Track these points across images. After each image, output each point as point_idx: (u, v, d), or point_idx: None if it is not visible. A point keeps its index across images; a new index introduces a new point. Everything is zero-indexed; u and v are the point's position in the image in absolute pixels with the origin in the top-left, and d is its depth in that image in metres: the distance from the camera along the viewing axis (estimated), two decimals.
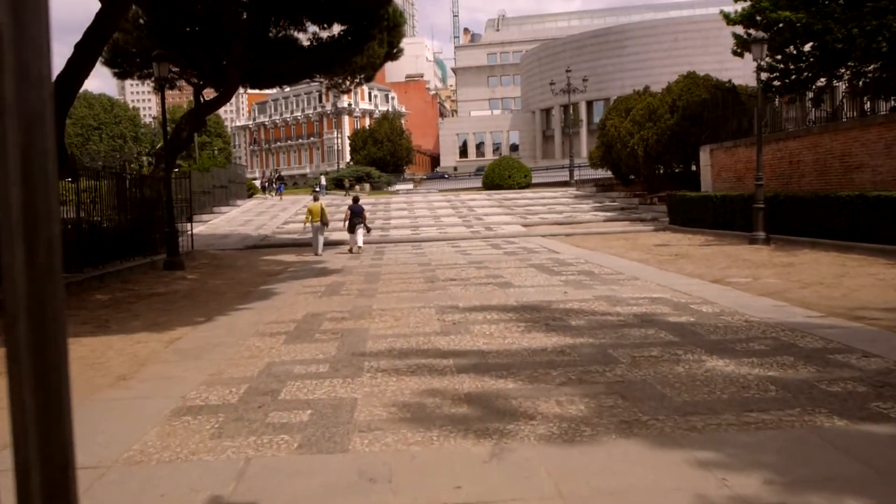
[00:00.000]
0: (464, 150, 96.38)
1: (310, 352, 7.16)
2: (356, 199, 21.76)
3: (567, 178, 45.24)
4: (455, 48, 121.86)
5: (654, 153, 30.46)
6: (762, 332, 7.29)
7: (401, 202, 38.95)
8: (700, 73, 31.90)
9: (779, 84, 25.50)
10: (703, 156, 26.85)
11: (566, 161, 50.85)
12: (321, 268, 16.41)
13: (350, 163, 74.03)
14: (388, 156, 70.53)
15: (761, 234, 17.92)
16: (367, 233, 21.32)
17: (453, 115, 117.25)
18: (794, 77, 25.24)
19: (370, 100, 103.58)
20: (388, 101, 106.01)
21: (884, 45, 20.27)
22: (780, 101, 25.75)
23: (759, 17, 23.59)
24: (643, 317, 8.39)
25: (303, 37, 21.86)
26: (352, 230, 20.62)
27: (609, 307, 9.15)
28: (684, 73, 32.42)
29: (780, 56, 24.81)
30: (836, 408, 4.76)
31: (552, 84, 53.75)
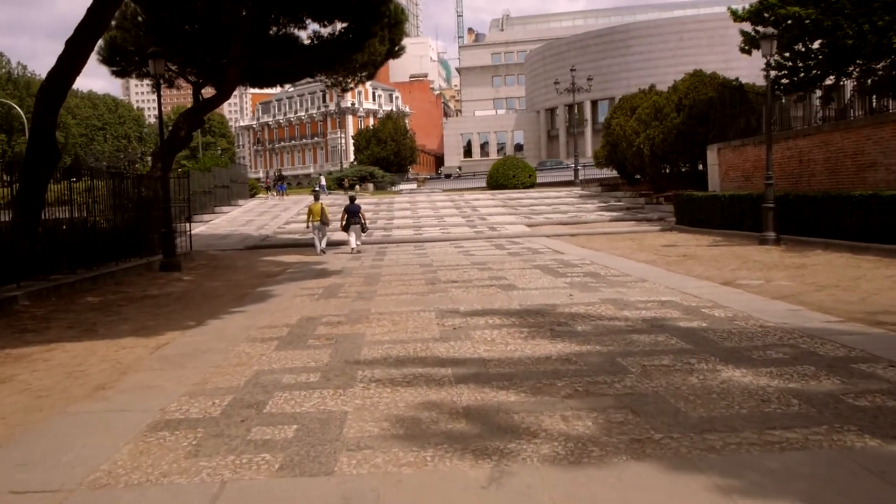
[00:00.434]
0: (468, 150, 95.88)
1: (301, 359, 6.79)
2: (352, 199, 21.46)
3: (572, 178, 44.80)
4: (459, 48, 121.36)
5: (661, 152, 30.03)
6: (779, 339, 6.89)
7: (404, 202, 38.59)
8: (706, 72, 31.47)
9: (787, 82, 25.06)
10: (711, 155, 26.41)
11: (571, 161, 50.41)
12: (321, 269, 16.05)
13: (354, 163, 73.71)
14: (392, 155, 70.21)
15: (771, 234, 17.50)
16: (364, 232, 20.99)
17: (457, 115, 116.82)
18: (802, 75, 24.80)
19: (374, 99, 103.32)
20: (392, 101, 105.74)
21: (895, 40, 19.84)
22: (788, 99, 25.31)
23: (767, 14, 23.14)
24: (652, 322, 7.99)
25: (303, 34, 21.54)
26: (346, 230, 20.27)
27: (616, 311, 8.75)
28: (690, 72, 31.99)
29: (788, 53, 24.38)
30: (867, 425, 4.37)
31: (557, 83, 53.27)
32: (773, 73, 22.13)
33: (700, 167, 30.00)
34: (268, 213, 35.09)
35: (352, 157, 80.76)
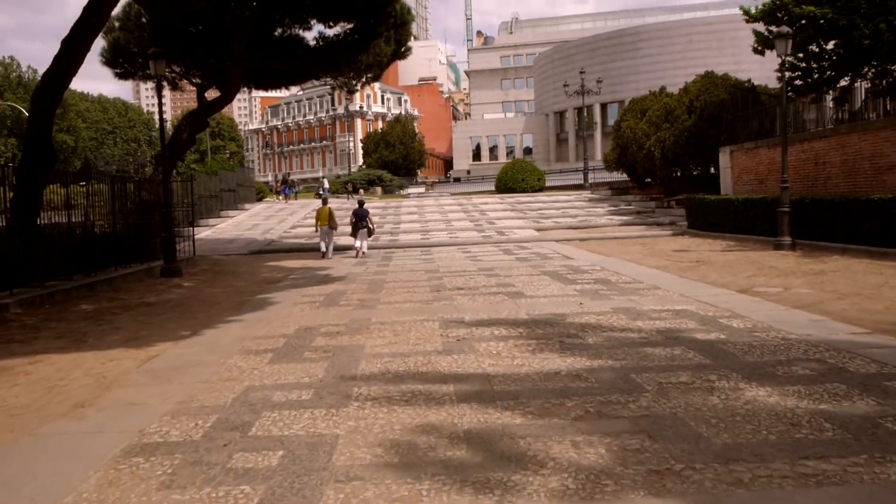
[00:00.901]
0: (477, 154, 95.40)
1: (295, 374, 6.40)
2: (361, 203, 21.44)
3: (581, 181, 44.32)
4: (468, 51, 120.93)
5: (672, 155, 29.51)
6: (804, 353, 6.46)
7: (411, 206, 38.22)
8: (718, 73, 30.97)
9: (800, 83, 24.56)
10: (723, 157, 25.91)
11: (580, 164, 49.93)
12: (324, 275, 15.68)
13: (362, 166, 73.41)
14: (401, 159, 69.87)
15: (787, 239, 17.01)
16: (370, 236, 20.93)
17: (466, 119, 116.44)
18: (816, 76, 24.30)
19: (383, 103, 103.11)
20: (400, 105, 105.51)
21: None
22: (800, 101, 24.80)
23: (780, 14, 22.65)
24: (667, 333, 7.57)
25: (308, 36, 21.22)
26: (354, 234, 20.25)
27: (629, 321, 8.33)
28: (701, 74, 31.49)
29: (801, 54, 23.87)
30: None
31: (566, 86, 52.74)
32: (786, 74, 21.66)
33: (712, 170, 29.50)
34: (274, 217, 34.78)
35: (360, 161, 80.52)
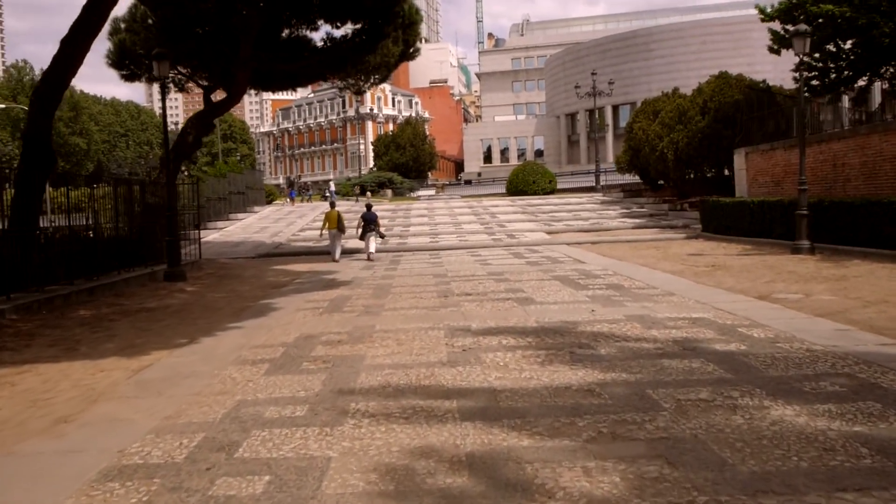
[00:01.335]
0: (488, 156, 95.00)
1: (290, 387, 6.07)
2: (369, 207, 21.35)
3: (593, 184, 43.88)
4: (479, 53, 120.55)
5: (685, 157, 29.06)
6: (831, 367, 6.06)
7: (421, 208, 37.90)
8: (732, 74, 30.49)
9: (817, 83, 24.07)
10: (738, 159, 25.43)
11: (592, 166, 49.49)
12: (330, 279, 15.37)
13: (373, 168, 73.21)
14: (411, 161, 69.62)
15: (805, 242, 16.54)
16: (381, 239, 20.83)
17: (477, 121, 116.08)
18: (833, 76, 23.81)
19: (393, 105, 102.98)
20: (411, 107, 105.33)
21: None
22: (816, 102, 24.30)
23: (797, 13, 22.19)
24: (684, 343, 7.19)
25: (315, 36, 20.98)
26: (363, 238, 20.12)
27: (643, 330, 7.95)
28: (715, 74, 31.01)
29: (818, 54, 23.38)
30: None
31: (577, 87, 52.30)
32: (803, 73, 21.20)
33: (726, 172, 29.04)
34: (283, 219, 34.55)
35: (371, 163, 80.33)
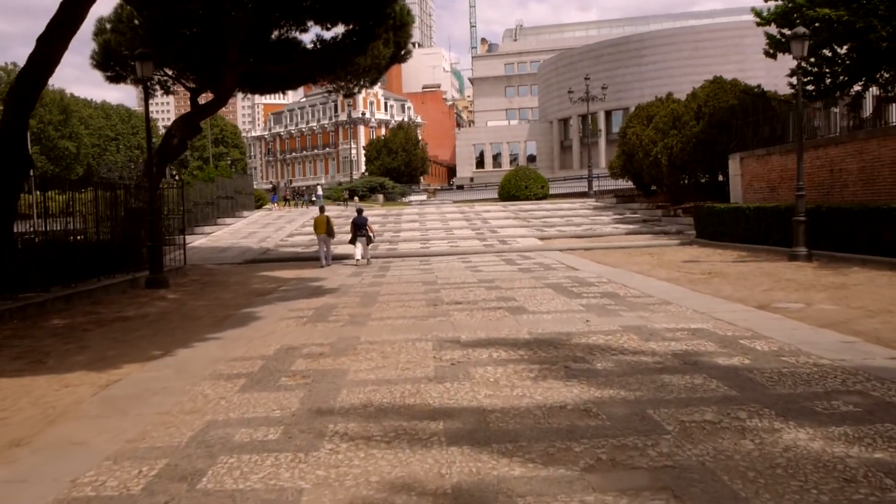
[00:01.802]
0: (480, 161, 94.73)
1: (266, 405, 5.66)
2: (360, 211, 21.13)
3: (586, 189, 43.60)
4: (472, 58, 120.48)
5: (679, 162, 28.77)
6: (842, 383, 5.70)
7: (412, 214, 37.52)
8: (726, 79, 30.26)
9: (812, 89, 23.83)
10: (733, 165, 25.15)
11: (584, 172, 49.24)
12: (316, 287, 14.95)
13: (365, 173, 72.85)
14: (403, 166, 69.27)
15: (802, 249, 16.24)
16: (370, 244, 20.63)
17: (470, 126, 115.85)
18: (829, 81, 23.58)
19: (386, 110, 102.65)
20: (404, 112, 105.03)
21: None
22: (812, 107, 24.05)
23: (794, 16, 21.95)
24: (685, 357, 6.81)
25: (305, 38, 20.60)
26: (353, 242, 19.90)
27: (641, 342, 7.58)
28: (709, 79, 30.77)
29: (813, 59, 23.14)
30: None
31: (570, 92, 52.13)
32: (797, 79, 20.93)
33: (720, 178, 28.77)
34: (272, 224, 34.11)
35: (363, 168, 79.96)
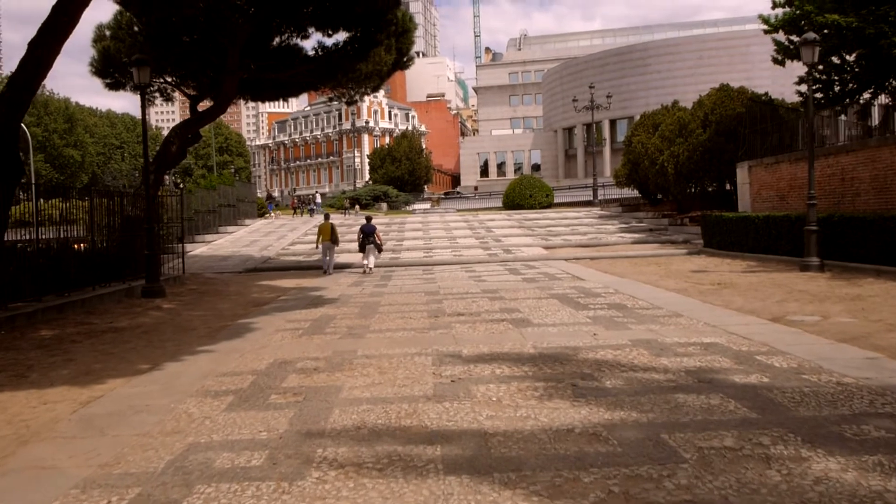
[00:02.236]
0: (485, 170, 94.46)
1: (252, 426, 5.30)
2: (369, 219, 21.11)
3: (590, 198, 43.23)
4: (477, 67, 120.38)
5: (686, 171, 28.41)
6: (870, 404, 5.32)
7: (416, 222, 37.18)
8: (734, 86, 29.91)
9: (821, 96, 23.48)
10: (741, 173, 24.77)
11: (589, 180, 48.85)
12: (315, 296, 14.60)
13: (368, 181, 72.60)
14: (407, 174, 68.96)
15: (815, 259, 15.84)
16: (379, 253, 20.60)
17: (474, 135, 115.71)
18: (837, 88, 23.25)
19: (390, 118, 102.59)
20: (408, 120, 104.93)
21: None
22: (820, 115, 23.70)
23: (802, 23, 21.62)
24: (698, 374, 6.44)
25: (307, 45, 20.35)
26: (362, 250, 20.06)
27: (652, 358, 7.20)
28: (716, 87, 30.44)
29: (822, 66, 22.81)
30: None
31: (575, 101, 51.83)
32: (805, 87, 20.61)
33: (727, 186, 28.43)
34: (274, 233, 33.81)
35: (367, 177, 79.68)
